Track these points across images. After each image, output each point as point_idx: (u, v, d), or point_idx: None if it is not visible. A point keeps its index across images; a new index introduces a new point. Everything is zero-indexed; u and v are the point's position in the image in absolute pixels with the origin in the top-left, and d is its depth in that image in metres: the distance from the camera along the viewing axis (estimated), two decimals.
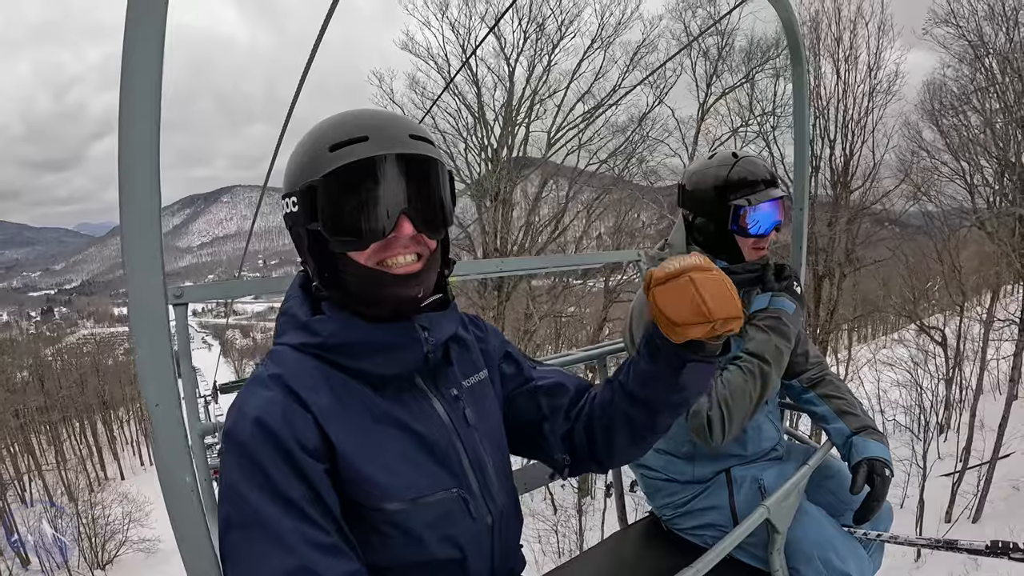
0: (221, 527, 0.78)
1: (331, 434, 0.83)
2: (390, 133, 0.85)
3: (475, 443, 0.98)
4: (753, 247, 1.64)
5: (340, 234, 0.85)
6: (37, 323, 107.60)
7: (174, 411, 0.77)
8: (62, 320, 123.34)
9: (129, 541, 19.94)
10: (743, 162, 1.62)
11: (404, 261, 0.87)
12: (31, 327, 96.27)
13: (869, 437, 1.64)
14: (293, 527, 0.75)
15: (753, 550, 1.54)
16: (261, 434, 0.79)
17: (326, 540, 0.77)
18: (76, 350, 44.07)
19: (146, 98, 0.70)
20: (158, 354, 0.75)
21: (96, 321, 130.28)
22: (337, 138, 0.84)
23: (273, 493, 0.76)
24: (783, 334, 1.50)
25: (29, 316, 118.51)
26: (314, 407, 0.83)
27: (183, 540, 0.80)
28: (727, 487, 1.65)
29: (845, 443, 1.67)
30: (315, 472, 0.80)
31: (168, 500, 0.79)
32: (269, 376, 0.86)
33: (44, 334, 77.92)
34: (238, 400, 0.85)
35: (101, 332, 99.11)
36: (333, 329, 0.89)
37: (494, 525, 0.98)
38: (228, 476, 0.79)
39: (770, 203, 1.59)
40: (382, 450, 0.87)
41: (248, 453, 0.78)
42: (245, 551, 0.76)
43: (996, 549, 1.22)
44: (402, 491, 0.86)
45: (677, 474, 1.74)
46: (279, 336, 0.95)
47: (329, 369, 0.89)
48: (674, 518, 1.75)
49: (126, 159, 0.70)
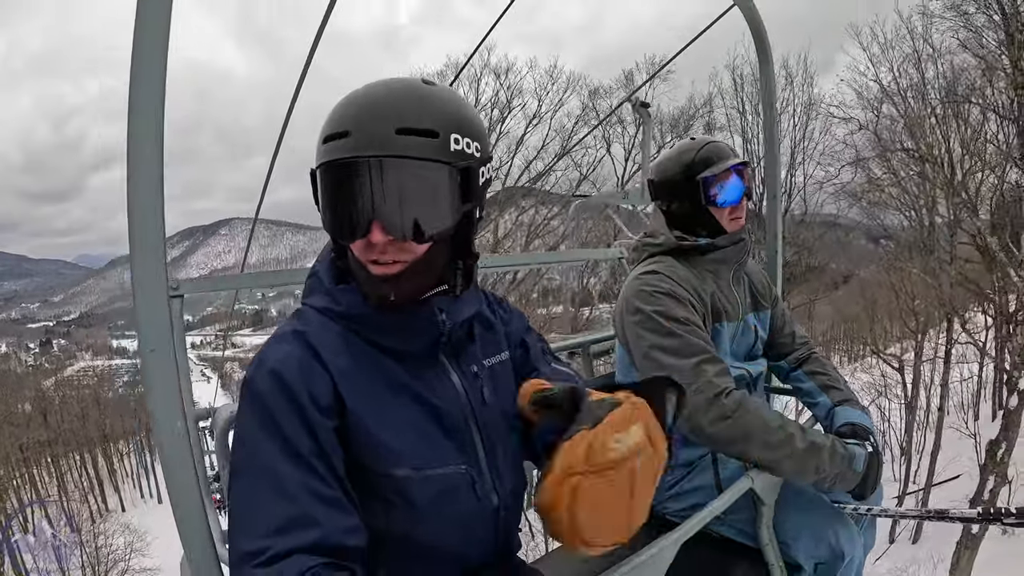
0: (231, 470, 0.80)
1: (345, 395, 0.84)
2: (373, 128, 0.80)
3: (489, 422, 0.97)
4: (730, 217, 1.67)
5: (326, 226, 0.86)
6: (36, 355, 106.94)
7: (168, 356, 0.80)
8: (61, 352, 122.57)
9: (132, 570, 20.61)
10: (701, 143, 1.69)
11: (382, 263, 0.85)
12: (30, 359, 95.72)
13: (850, 407, 1.66)
14: (299, 478, 0.77)
15: (741, 526, 1.54)
16: (277, 386, 0.81)
17: (328, 493, 0.79)
18: (75, 382, 44.25)
19: (150, 119, 0.75)
20: (157, 302, 0.78)
21: (95, 353, 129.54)
22: (330, 128, 0.83)
23: (284, 444, 0.78)
24: (829, 459, 1.38)
25: (28, 347, 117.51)
26: (332, 367, 0.85)
27: (176, 492, 0.82)
28: (712, 467, 1.65)
29: (827, 414, 1.68)
30: (324, 429, 0.81)
31: (162, 449, 0.80)
32: (293, 332, 0.88)
33: (43, 366, 77.52)
34: (261, 352, 0.87)
35: (100, 364, 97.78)
36: (354, 301, 0.90)
37: (499, 507, 0.97)
38: (243, 423, 0.82)
39: (734, 173, 1.63)
40: (394, 417, 0.87)
41: (263, 403, 0.80)
42: (250, 496, 0.78)
43: (988, 515, 1.20)
44: (411, 458, 0.87)
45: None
46: (306, 296, 0.96)
47: (351, 336, 0.90)
48: (663, 502, 1.73)
49: (133, 162, 0.74)
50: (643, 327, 1.55)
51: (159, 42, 0.75)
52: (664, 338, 1.50)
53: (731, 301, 1.71)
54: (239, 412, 0.83)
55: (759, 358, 1.80)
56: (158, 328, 0.78)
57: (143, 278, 0.77)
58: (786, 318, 1.90)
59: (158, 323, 0.78)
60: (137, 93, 0.74)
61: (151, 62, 0.75)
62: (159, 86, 0.76)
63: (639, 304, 1.57)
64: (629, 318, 1.60)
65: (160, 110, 0.76)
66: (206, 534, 0.86)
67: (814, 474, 1.38)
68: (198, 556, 0.85)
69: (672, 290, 1.56)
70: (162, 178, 0.77)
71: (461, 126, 0.85)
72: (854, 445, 1.45)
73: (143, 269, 0.78)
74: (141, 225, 0.77)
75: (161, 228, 0.78)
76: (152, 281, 0.78)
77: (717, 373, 1.44)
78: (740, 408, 1.39)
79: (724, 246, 1.67)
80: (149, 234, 0.78)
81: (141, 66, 0.74)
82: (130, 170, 0.75)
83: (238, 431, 0.83)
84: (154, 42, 0.75)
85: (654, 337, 1.52)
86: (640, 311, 1.56)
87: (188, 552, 0.85)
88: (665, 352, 1.49)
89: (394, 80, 0.88)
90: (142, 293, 0.77)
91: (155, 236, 0.78)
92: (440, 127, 0.83)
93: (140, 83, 0.74)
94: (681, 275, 1.62)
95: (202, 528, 0.86)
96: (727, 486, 1.46)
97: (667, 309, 1.53)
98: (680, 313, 1.53)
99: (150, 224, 0.78)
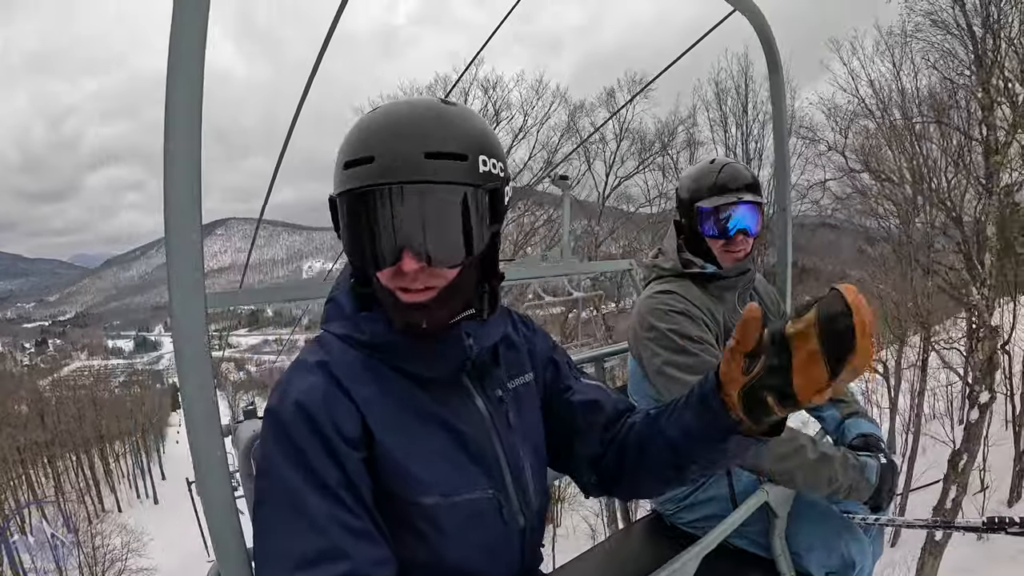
0: (256, 499, 0.80)
1: (371, 425, 0.83)
2: (401, 152, 0.78)
3: (515, 445, 0.96)
4: (723, 250, 1.65)
5: (351, 254, 0.85)
6: (31, 355, 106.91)
7: (210, 401, 0.82)
8: (56, 352, 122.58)
9: (129, 570, 20.76)
10: (716, 169, 1.65)
11: (412, 290, 0.83)
12: (25, 358, 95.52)
13: (860, 419, 1.67)
14: (327, 510, 0.76)
15: (755, 537, 1.56)
16: (302, 417, 0.80)
17: (358, 525, 0.78)
18: (71, 382, 44.21)
19: (189, 124, 0.76)
20: (196, 348, 0.80)
21: (90, 353, 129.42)
22: (351, 153, 0.81)
23: (310, 475, 0.77)
24: (842, 470, 1.41)
25: (23, 347, 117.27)
26: (357, 396, 0.84)
27: (211, 509, 0.84)
28: (726, 477, 1.64)
29: (837, 428, 1.69)
30: (351, 460, 0.80)
31: (200, 478, 0.84)
32: (315, 362, 0.86)
33: (38, 366, 77.38)
34: (283, 380, 0.86)
35: (95, 364, 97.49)
36: (378, 329, 0.88)
37: (526, 528, 0.97)
38: (267, 452, 0.81)
39: (731, 208, 1.60)
40: (421, 445, 0.86)
41: (288, 433, 0.79)
42: (277, 527, 0.77)
43: (993, 525, 1.20)
44: (439, 486, 0.86)
45: None
46: (326, 323, 0.95)
47: (373, 363, 0.88)
48: (676, 512, 1.75)
49: (172, 175, 0.75)
50: (658, 344, 1.58)
51: (195, 50, 0.75)
52: (678, 355, 1.53)
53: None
54: (263, 441, 0.83)
55: None
56: (201, 376, 0.81)
57: (180, 303, 0.79)
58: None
59: (201, 370, 0.81)
60: (174, 107, 0.75)
61: (187, 72, 0.75)
62: (195, 106, 0.76)
63: (654, 321, 1.60)
64: (643, 334, 1.62)
65: (197, 131, 0.77)
66: (243, 557, 0.87)
67: (827, 485, 1.40)
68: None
69: (686, 309, 1.59)
70: (199, 199, 0.79)
71: (485, 147, 0.83)
72: (866, 456, 1.47)
73: (181, 295, 0.79)
74: (179, 252, 0.78)
75: (199, 251, 0.80)
76: (192, 332, 0.80)
77: None
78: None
79: (728, 276, 1.68)
80: (186, 255, 0.79)
81: (177, 78, 0.74)
82: (168, 188, 0.76)
83: (262, 462, 0.82)
84: (190, 49, 0.75)
85: (668, 354, 1.55)
86: (655, 328, 1.59)
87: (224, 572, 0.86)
88: (679, 369, 1.52)
89: (415, 101, 0.85)
90: (181, 313, 0.79)
91: (192, 258, 0.80)
92: (467, 149, 0.81)
93: (176, 95, 0.75)
94: (695, 295, 1.65)
95: (239, 553, 0.88)
96: (741, 498, 1.49)
97: (681, 327, 1.56)
98: (694, 332, 1.56)
99: (187, 250, 0.79)
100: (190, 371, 0.80)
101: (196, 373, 0.80)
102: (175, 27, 0.73)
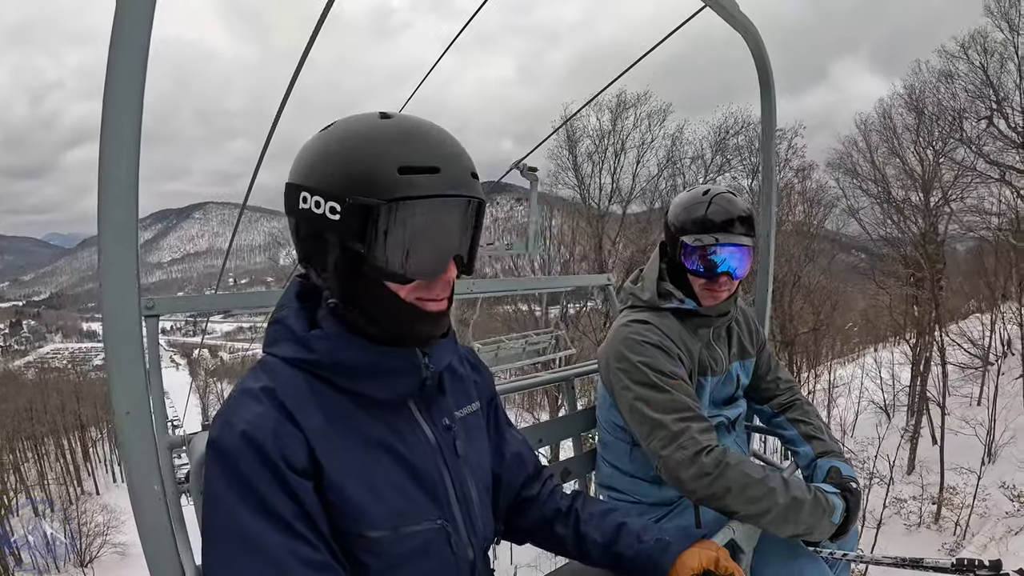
0: (206, 535, 0.77)
1: (320, 456, 0.81)
2: (460, 167, 0.81)
3: (463, 475, 0.96)
4: (704, 289, 1.60)
5: (388, 265, 0.80)
6: (5, 335, 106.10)
7: (145, 420, 0.78)
8: (31, 333, 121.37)
9: (109, 543, 23.71)
10: (709, 199, 1.57)
11: (438, 298, 0.84)
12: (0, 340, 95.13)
13: (833, 459, 1.65)
14: (282, 543, 0.74)
15: None
16: (249, 449, 0.76)
17: (316, 557, 0.76)
18: (45, 364, 44.46)
19: (128, 107, 0.71)
20: (130, 363, 0.76)
21: (64, 335, 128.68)
22: (407, 159, 0.78)
23: (261, 508, 0.74)
24: (809, 514, 1.38)
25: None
26: (305, 425, 0.81)
27: (149, 546, 0.82)
28: (693, 508, 1.54)
29: (809, 465, 1.67)
30: (304, 491, 0.78)
31: (137, 508, 0.79)
32: (261, 389, 0.82)
33: (12, 347, 77.36)
34: (226, 409, 0.81)
35: (70, 347, 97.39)
36: (329, 348, 0.85)
37: (475, 559, 0.96)
38: (214, 488, 0.77)
39: (724, 248, 1.54)
40: (370, 474, 0.84)
41: (236, 467, 0.76)
42: (232, 565, 0.74)
43: (962, 567, 1.18)
44: (387, 518, 0.84)
45: (644, 496, 1.71)
46: (270, 346, 0.90)
47: (320, 386, 0.85)
48: None
49: (106, 168, 0.70)
50: (629, 377, 1.53)
51: (142, 17, 0.72)
52: (649, 391, 1.50)
53: (715, 357, 1.70)
54: (209, 473, 0.78)
55: (739, 400, 1.81)
56: (133, 393, 0.78)
57: (113, 305, 0.75)
58: (771, 363, 1.88)
59: (133, 387, 0.78)
60: (114, 86, 0.71)
61: (132, 41, 0.71)
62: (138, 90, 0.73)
63: (626, 352, 1.55)
64: (615, 364, 1.57)
65: (137, 124, 0.73)
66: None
67: (793, 529, 1.38)
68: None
69: (661, 342, 1.55)
70: (138, 186, 0.75)
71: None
72: (834, 497, 1.45)
73: (114, 298, 0.75)
74: (113, 247, 0.74)
75: (135, 248, 0.76)
76: (126, 345, 0.77)
77: (701, 430, 1.43)
78: (721, 465, 1.38)
79: (705, 315, 1.64)
80: (123, 256, 0.75)
81: (121, 47, 0.71)
82: (102, 175, 0.72)
83: (211, 495, 0.77)
84: (136, 16, 0.71)
85: (640, 389, 1.51)
86: (626, 359, 1.54)
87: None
88: (650, 406, 1.49)
89: (420, 118, 0.87)
90: (114, 357, 0.76)
91: (128, 260, 0.76)
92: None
93: (118, 68, 0.71)
94: (671, 328, 1.61)
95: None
96: (707, 528, 1.44)
97: (654, 361, 1.51)
98: (667, 367, 1.51)
99: (124, 246, 0.75)
100: (120, 380, 0.77)
101: (129, 391, 0.78)
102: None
